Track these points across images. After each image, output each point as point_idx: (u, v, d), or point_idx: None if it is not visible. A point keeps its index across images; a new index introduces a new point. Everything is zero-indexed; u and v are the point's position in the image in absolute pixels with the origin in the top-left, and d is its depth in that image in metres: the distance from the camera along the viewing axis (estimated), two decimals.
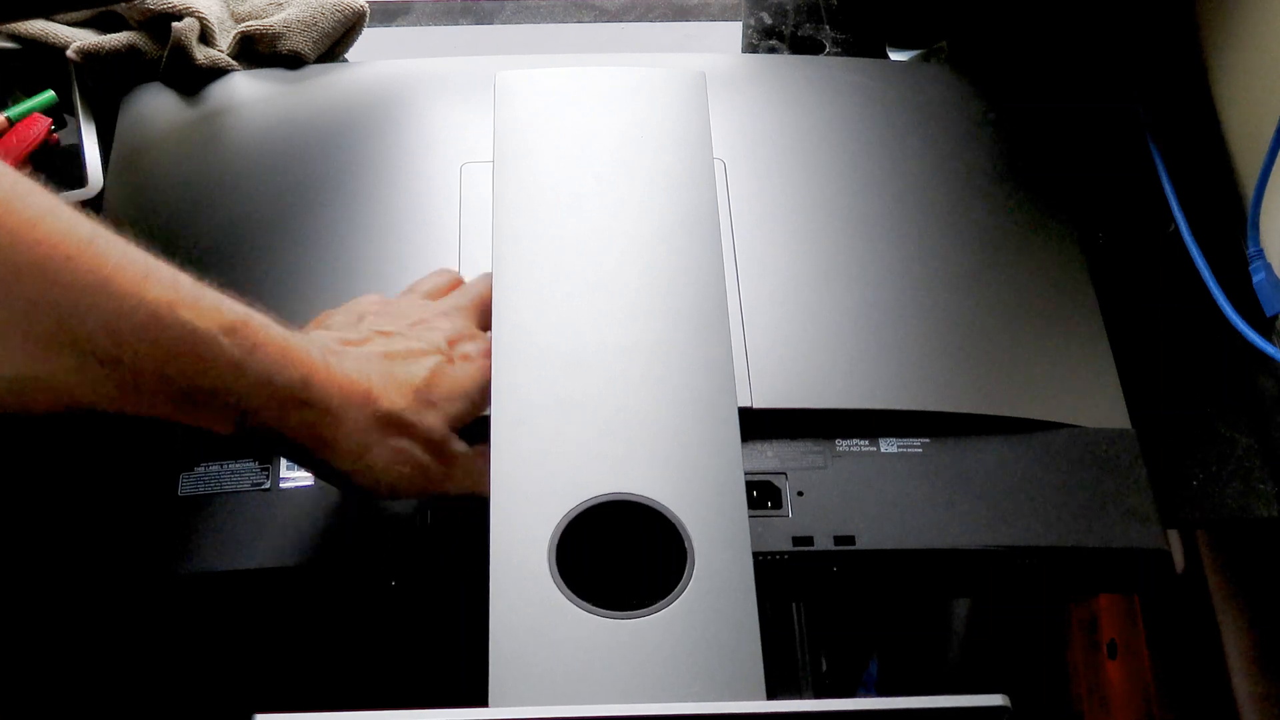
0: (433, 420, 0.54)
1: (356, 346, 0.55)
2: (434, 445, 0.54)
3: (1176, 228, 0.75)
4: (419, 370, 0.54)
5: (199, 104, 0.74)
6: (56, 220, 0.43)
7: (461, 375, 0.55)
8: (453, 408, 0.54)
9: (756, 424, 0.61)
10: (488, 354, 0.56)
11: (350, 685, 0.70)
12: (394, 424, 0.52)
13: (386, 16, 0.87)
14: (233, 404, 0.49)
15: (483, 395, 0.55)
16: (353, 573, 0.58)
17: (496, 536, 0.48)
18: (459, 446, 0.55)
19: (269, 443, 0.52)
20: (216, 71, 0.76)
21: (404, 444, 0.53)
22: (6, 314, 0.42)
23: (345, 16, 0.78)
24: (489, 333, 0.57)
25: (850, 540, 0.59)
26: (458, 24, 0.88)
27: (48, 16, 0.76)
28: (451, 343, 0.56)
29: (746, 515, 0.50)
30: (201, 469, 0.60)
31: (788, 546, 0.58)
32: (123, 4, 0.75)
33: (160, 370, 0.47)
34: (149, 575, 0.58)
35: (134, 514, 0.59)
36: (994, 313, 0.66)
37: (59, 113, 0.75)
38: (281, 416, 0.50)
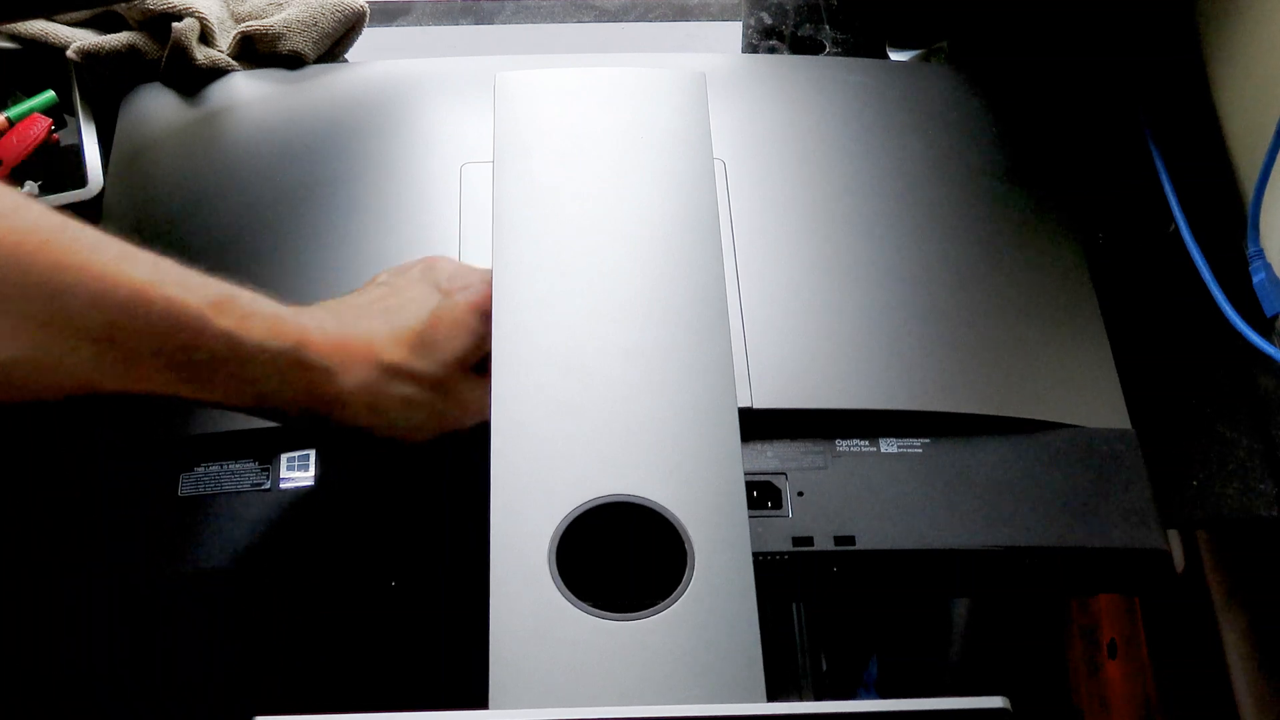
0: (437, 364, 0.55)
1: (358, 303, 0.56)
2: (441, 387, 0.55)
3: (1176, 228, 0.75)
4: (419, 314, 0.56)
5: (199, 104, 0.74)
6: (27, 211, 0.46)
7: (461, 311, 0.56)
8: (457, 345, 0.56)
9: (756, 424, 0.61)
10: (488, 285, 0.56)
11: (350, 685, 0.70)
12: (398, 374, 0.54)
13: (386, 16, 0.87)
14: (233, 374, 0.50)
15: (487, 326, 0.56)
16: (353, 573, 0.58)
17: (496, 537, 0.48)
18: (468, 384, 0.56)
19: (281, 413, 0.53)
20: (216, 71, 0.76)
21: (410, 390, 0.54)
22: None
23: (345, 16, 0.78)
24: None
25: (850, 540, 0.59)
26: (458, 24, 0.88)
27: (48, 16, 0.76)
28: (451, 279, 0.57)
29: (746, 516, 0.50)
30: (201, 469, 0.60)
31: (788, 547, 0.58)
32: (123, 4, 0.75)
33: (154, 347, 0.48)
34: (149, 575, 0.58)
35: (134, 514, 0.59)
36: (994, 313, 0.66)
37: (59, 113, 0.75)
38: (283, 383, 0.52)
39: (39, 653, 0.58)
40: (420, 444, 0.56)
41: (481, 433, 0.52)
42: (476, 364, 0.57)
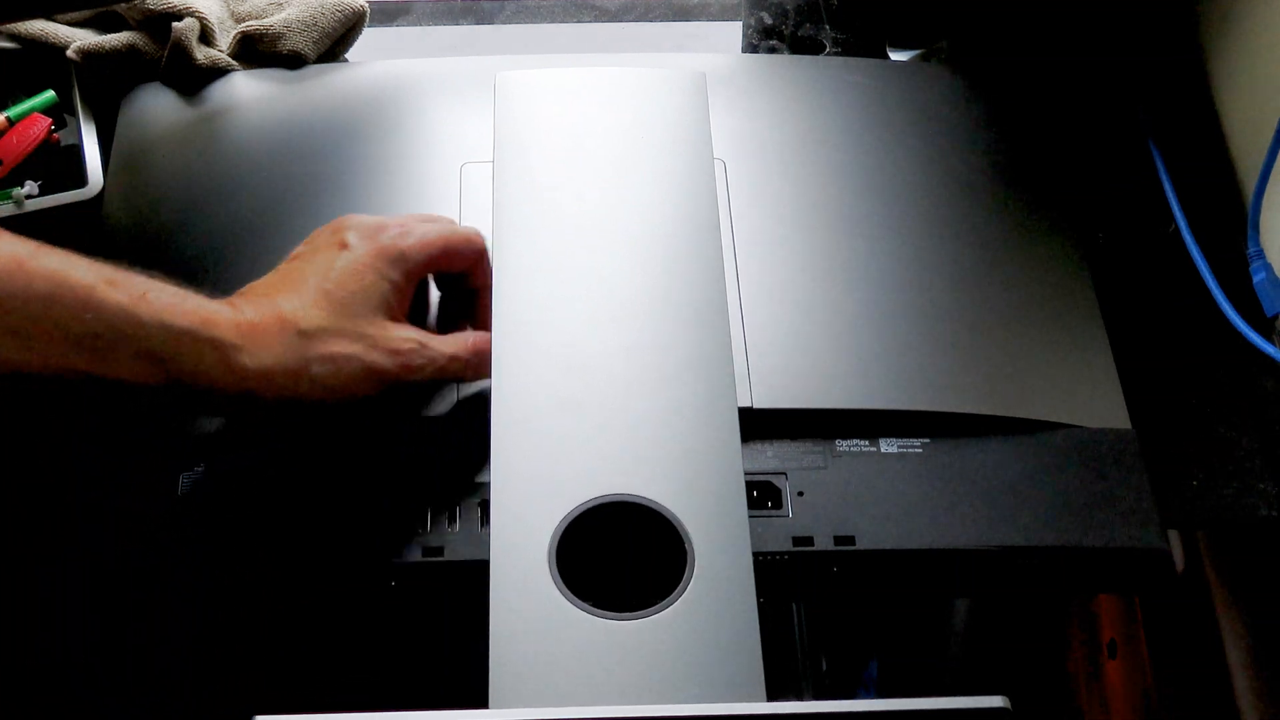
0: (354, 315, 0.55)
1: (268, 283, 0.56)
2: (366, 338, 0.55)
3: (1176, 228, 0.75)
4: (324, 274, 0.55)
5: (199, 104, 0.74)
6: None
7: (365, 261, 0.56)
8: (369, 294, 0.55)
9: (756, 424, 0.61)
10: (403, 230, 0.57)
11: (350, 685, 0.70)
12: (317, 334, 0.54)
13: (386, 16, 0.87)
14: (137, 351, 0.50)
15: (398, 268, 0.56)
16: (353, 573, 0.58)
17: (496, 537, 0.48)
18: (397, 331, 0.56)
19: (202, 395, 0.53)
20: (216, 71, 0.76)
21: (335, 347, 0.54)
22: None
23: (345, 16, 0.78)
24: (397, 226, 0.58)
25: (850, 540, 0.59)
26: (458, 24, 0.88)
27: (48, 16, 0.76)
28: (361, 235, 0.57)
29: (746, 515, 0.50)
30: (201, 469, 0.59)
31: (788, 546, 0.58)
32: (123, 4, 0.75)
33: (44, 316, 0.49)
34: (148, 575, 0.58)
35: (134, 514, 0.59)
36: (994, 313, 0.66)
37: (59, 113, 0.75)
38: (197, 361, 0.51)
39: (38, 652, 0.58)
40: (361, 399, 0.56)
41: (481, 428, 0.52)
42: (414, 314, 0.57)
